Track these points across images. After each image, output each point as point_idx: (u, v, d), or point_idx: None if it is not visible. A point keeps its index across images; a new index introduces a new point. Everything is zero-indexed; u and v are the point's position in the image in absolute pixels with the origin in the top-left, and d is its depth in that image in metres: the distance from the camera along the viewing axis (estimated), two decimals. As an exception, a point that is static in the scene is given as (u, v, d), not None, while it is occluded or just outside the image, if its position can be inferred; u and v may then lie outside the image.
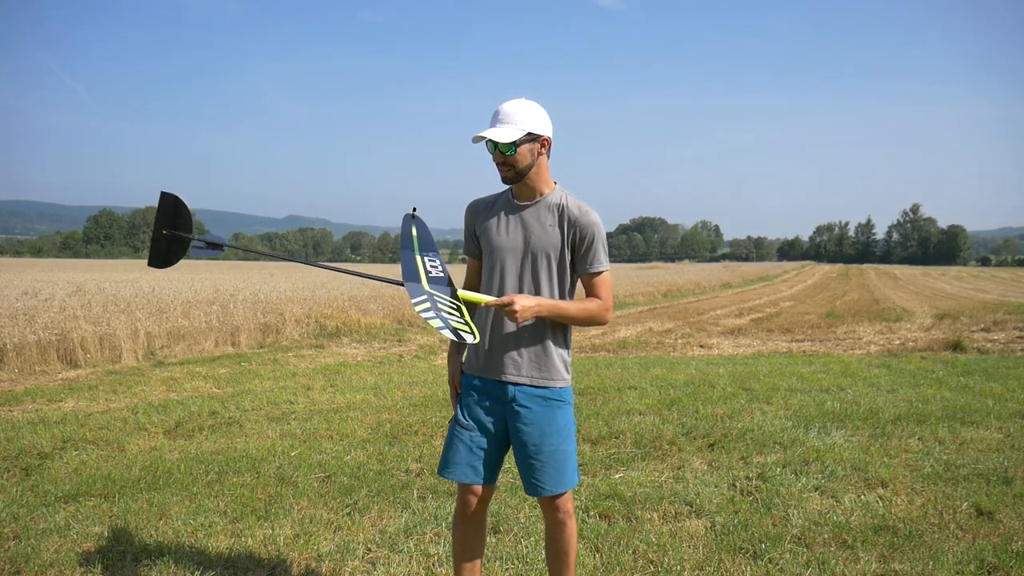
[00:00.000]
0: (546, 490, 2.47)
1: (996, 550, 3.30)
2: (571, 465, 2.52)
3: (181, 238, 2.52)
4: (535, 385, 2.46)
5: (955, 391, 6.98)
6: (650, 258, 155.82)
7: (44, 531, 3.61)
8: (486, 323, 2.50)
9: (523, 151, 2.41)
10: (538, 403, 2.46)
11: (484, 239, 2.54)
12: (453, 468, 2.49)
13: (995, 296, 27.99)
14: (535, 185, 2.48)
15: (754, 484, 4.23)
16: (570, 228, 2.46)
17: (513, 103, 2.40)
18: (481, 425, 2.50)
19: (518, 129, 2.37)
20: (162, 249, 2.53)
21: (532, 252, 2.46)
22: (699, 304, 22.29)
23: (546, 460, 2.46)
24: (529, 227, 2.47)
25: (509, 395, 2.47)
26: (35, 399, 7.03)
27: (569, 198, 2.50)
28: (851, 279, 46.76)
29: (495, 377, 2.48)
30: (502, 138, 2.36)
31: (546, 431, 2.46)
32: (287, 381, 8.06)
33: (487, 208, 2.57)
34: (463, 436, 2.50)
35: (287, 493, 4.14)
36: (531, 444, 2.46)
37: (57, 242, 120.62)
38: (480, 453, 2.49)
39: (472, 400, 2.52)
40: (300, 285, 17.54)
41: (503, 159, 2.41)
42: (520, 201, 2.51)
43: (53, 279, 20.86)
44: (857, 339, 12.05)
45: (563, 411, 2.51)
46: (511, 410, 2.47)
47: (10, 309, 10.43)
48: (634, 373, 8.15)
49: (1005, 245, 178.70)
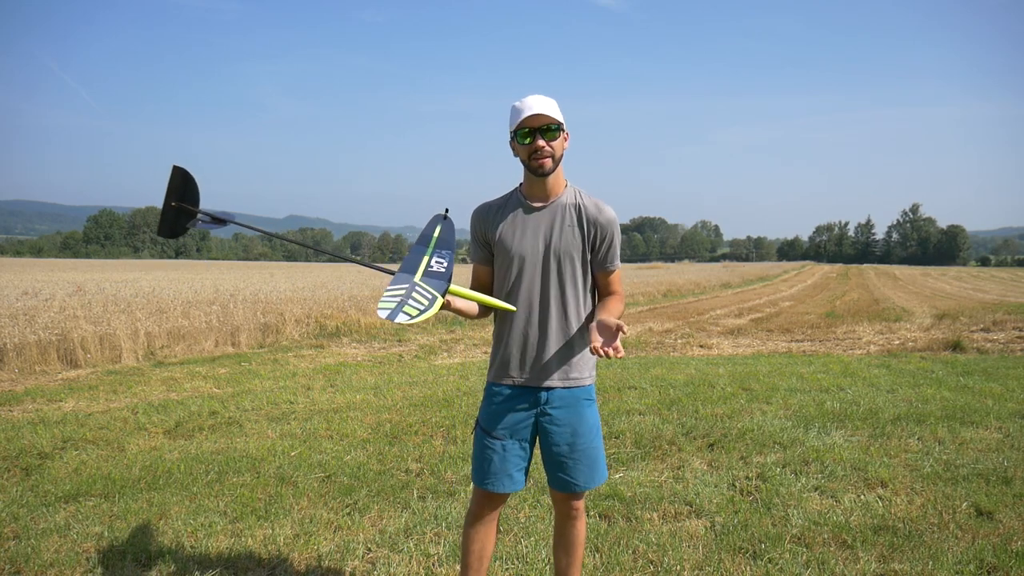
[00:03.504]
0: (580, 486, 2.46)
1: (996, 550, 3.30)
2: (602, 460, 2.52)
3: (188, 211, 2.61)
4: (566, 387, 2.44)
5: (955, 391, 6.98)
6: (650, 258, 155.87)
7: (44, 531, 3.62)
8: (511, 328, 2.44)
9: (561, 139, 2.35)
10: (569, 403, 2.44)
11: (500, 245, 2.43)
12: (491, 479, 2.45)
13: (995, 296, 27.99)
14: (553, 183, 2.40)
15: (754, 484, 4.23)
16: (590, 228, 2.40)
17: (535, 96, 2.32)
18: (513, 432, 2.46)
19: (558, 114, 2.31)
20: (169, 220, 2.62)
21: (555, 255, 2.39)
22: (699, 304, 22.29)
23: (579, 458, 2.45)
24: (548, 230, 2.39)
25: (542, 400, 2.43)
26: (35, 399, 7.03)
27: (584, 196, 2.43)
28: (851, 279, 46.78)
29: (527, 383, 2.43)
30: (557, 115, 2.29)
31: (578, 430, 2.45)
32: (287, 381, 8.06)
33: (498, 212, 2.46)
34: (495, 446, 2.45)
35: (287, 493, 4.14)
36: (564, 443, 2.44)
37: (57, 242, 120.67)
38: (515, 460, 2.46)
39: (502, 408, 2.46)
40: (300, 285, 17.56)
41: (546, 145, 2.30)
42: (534, 202, 2.42)
43: (53, 279, 20.88)
44: (857, 339, 12.04)
45: (592, 408, 2.50)
46: (543, 413, 2.44)
47: (10, 309, 10.44)
48: (634, 373, 8.15)
49: (1005, 245, 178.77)
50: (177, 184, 2.59)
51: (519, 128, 2.30)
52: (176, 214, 2.60)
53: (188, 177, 2.60)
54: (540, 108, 2.27)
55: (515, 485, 2.47)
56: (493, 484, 2.45)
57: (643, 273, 39.61)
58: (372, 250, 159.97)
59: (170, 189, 2.58)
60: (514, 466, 2.46)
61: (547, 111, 2.27)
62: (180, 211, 2.59)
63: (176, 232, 2.62)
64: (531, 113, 2.26)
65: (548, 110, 2.28)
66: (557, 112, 2.31)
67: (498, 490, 2.46)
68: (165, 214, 2.60)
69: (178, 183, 2.59)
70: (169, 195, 2.58)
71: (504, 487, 2.46)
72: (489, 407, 2.50)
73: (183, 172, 2.59)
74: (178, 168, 2.59)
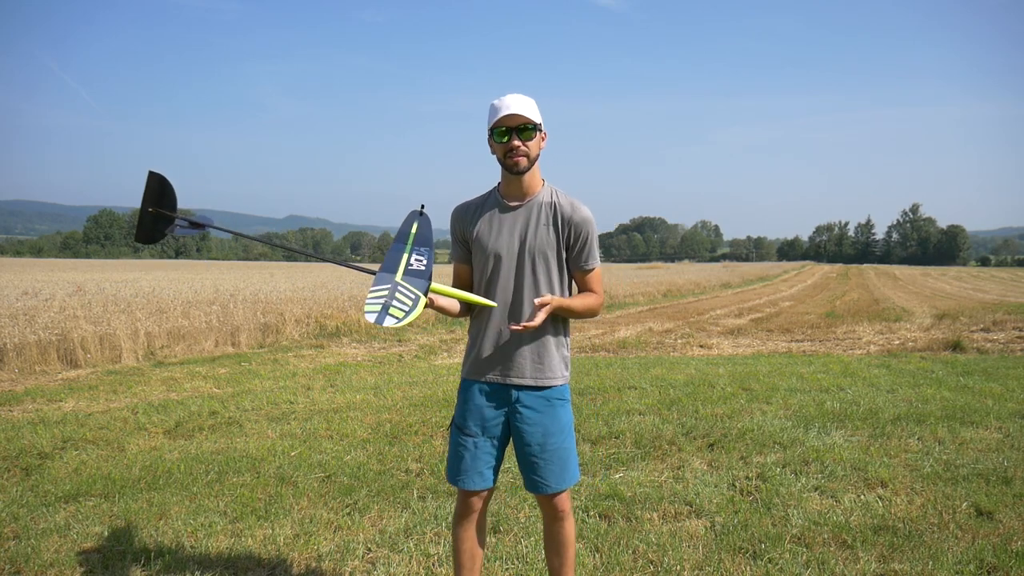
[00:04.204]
0: (551, 487, 2.47)
1: (996, 550, 3.30)
2: (573, 461, 2.53)
3: (165, 216, 2.63)
4: (538, 386, 2.46)
5: (955, 391, 6.98)
6: (650, 258, 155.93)
7: (44, 531, 3.62)
8: (486, 326, 2.47)
9: (537, 139, 2.38)
10: (541, 403, 2.46)
11: (477, 244, 2.47)
12: (463, 476, 2.49)
13: (995, 296, 27.99)
14: (529, 183, 2.43)
15: (754, 484, 4.24)
16: (564, 226, 2.43)
17: (514, 95, 2.35)
18: (484, 429, 2.49)
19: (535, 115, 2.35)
20: (147, 225, 2.64)
21: (530, 253, 2.42)
22: (699, 304, 22.29)
23: (550, 458, 2.46)
24: (524, 228, 2.43)
25: (512, 397, 2.46)
26: (35, 399, 7.03)
27: (560, 195, 2.46)
28: (851, 279, 46.77)
29: (498, 380, 2.47)
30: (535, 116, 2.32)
31: (550, 430, 2.46)
32: (287, 381, 8.06)
33: (476, 211, 2.50)
34: (467, 443, 2.49)
35: (287, 493, 4.14)
36: (535, 443, 2.46)
37: (57, 242, 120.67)
38: (486, 458, 2.49)
39: (474, 405, 2.50)
40: (300, 285, 17.56)
41: (521, 144, 2.33)
42: (511, 201, 2.46)
43: (53, 279, 20.88)
44: (857, 339, 12.04)
45: (564, 409, 2.51)
46: (514, 411, 2.47)
47: (10, 309, 10.45)
48: (634, 373, 8.15)
49: (1005, 245, 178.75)
50: (154, 189, 2.61)
51: (496, 126, 2.34)
52: (154, 220, 2.62)
53: (165, 182, 2.62)
54: (517, 108, 2.30)
55: (485, 482, 2.50)
56: (464, 481, 2.49)
57: (643, 273, 39.60)
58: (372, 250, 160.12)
59: (147, 195, 2.60)
60: (484, 463, 2.49)
61: (524, 111, 2.31)
62: (158, 216, 2.62)
63: (154, 238, 2.65)
64: (508, 112, 2.30)
65: (525, 110, 2.31)
66: (535, 112, 2.35)
67: (468, 487, 2.49)
68: (142, 220, 2.63)
69: (155, 188, 2.61)
70: (146, 201, 2.60)
71: (475, 484, 2.48)
72: (462, 404, 2.54)
73: (160, 177, 2.61)
74: (154, 174, 2.61)
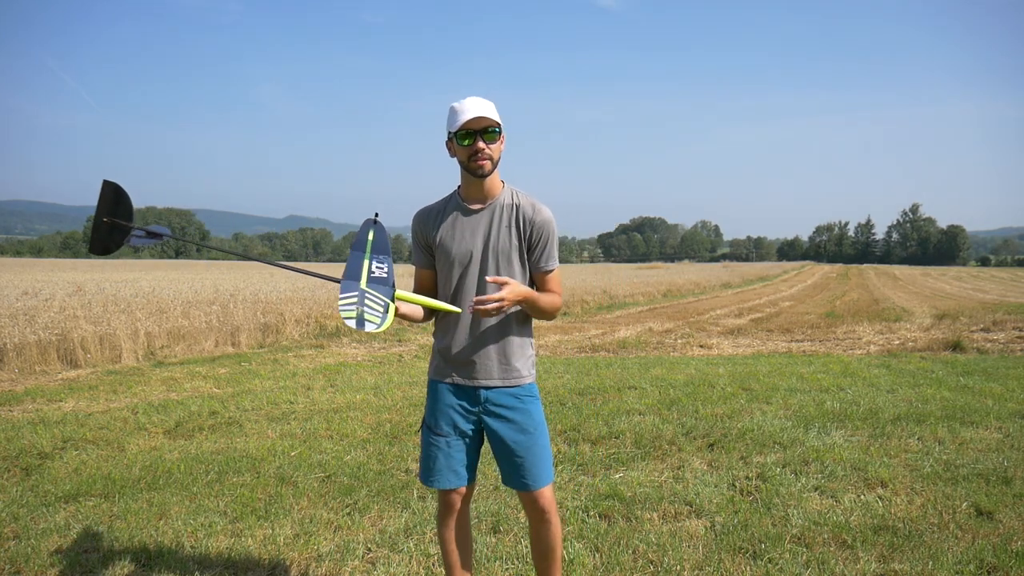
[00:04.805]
0: (531, 485, 2.47)
1: (996, 550, 3.30)
2: (548, 458, 2.53)
3: (121, 226, 2.60)
4: (506, 385, 2.46)
5: (955, 391, 6.98)
6: (650, 258, 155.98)
7: (44, 531, 3.62)
8: (452, 328, 2.47)
9: (499, 141, 2.40)
10: (511, 402, 2.47)
11: (441, 248, 2.47)
12: (435, 476, 2.50)
13: (995, 296, 27.99)
14: (491, 185, 2.43)
15: (754, 484, 4.24)
16: (526, 227, 2.43)
17: (473, 98, 2.35)
18: (455, 429, 2.49)
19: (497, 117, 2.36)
20: (103, 236, 2.61)
21: (493, 256, 2.42)
22: (699, 304, 22.29)
23: (526, 455, 2.47)
24: (487, 231, 2.43)
25: (482, 398, 2.47)
26: (35, 399, 7.03)
27: (521, 196, 2.47)
28: (851, 279, 46.77)
29: (465, 382, 2.47)
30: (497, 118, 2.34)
31: (525, 428, 2.47)
32: (287, 381, 8.07)
33: (437, 216, 2.50)
34: (439, 443, 2.50)
35: (287, 493, 4.14)
36: (510, 442, 2.46)
37: (57, 242, 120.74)
38: (459, 456, 2.50)
39: (444, 405, 2.50)
40: (300, 285, 17.55)
41: (485, 147, 2.34)
42: (472, 204, 2.46)
43: (53, 279, 20.89)
44: (857, 339, 12.04)
45: (535, 406, 2.52)
46: (486, 411, 2.47)
47: (10, 309, 10.45)
48: (634, 373, 8.15)
49: (1005, 245, 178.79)
50: (108, 199, 2.58)
51: (459, 130, 2.33)
52: (109, 230, 2.59)
53: (120, 192, 2.60)
54: (481, 111, 2.31)
55: (460, 481, 2.51)
56: (438, 481, 2.49)
57: (643, 273, 39.60)
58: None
59: (101, 204, 2.57)
60: (458, 462, 2.50)
61: (488, 113, 2.32)
62: (113, 227, 2.59)
63: (109, 248, 2.62)
64: (473, 116, 2.30)
65: (489, 112, 2.32)
66: (496, 114, 2.36)
67: (443, 486, 2.50)
68: (97, 230, 2.60)
69: (109, 198, 2.59)
70: (100, 211, 2.57)
71: (449, 483, 2.49)
72: (432, 404, 2.54)
73: (115, 186, 2.60)
74: (108, 183, 2.59)
